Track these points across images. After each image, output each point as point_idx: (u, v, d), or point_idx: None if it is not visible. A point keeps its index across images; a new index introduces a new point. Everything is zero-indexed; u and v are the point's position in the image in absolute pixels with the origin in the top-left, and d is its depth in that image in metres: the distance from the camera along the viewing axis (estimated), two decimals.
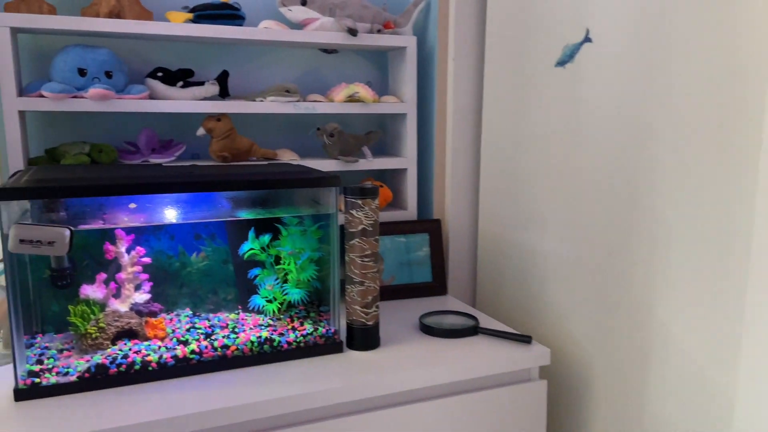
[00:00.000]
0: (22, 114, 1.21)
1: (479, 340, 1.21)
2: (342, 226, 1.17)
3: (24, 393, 0.95)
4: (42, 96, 1.21)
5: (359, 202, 1.12)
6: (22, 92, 1.23)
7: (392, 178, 1.65)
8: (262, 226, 1.19)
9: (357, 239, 1.13)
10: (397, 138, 1.60)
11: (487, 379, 1.14)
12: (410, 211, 1.57)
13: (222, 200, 1.14)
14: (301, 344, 1.13)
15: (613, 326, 1.15)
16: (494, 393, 1.13)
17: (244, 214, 1.15)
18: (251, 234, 1.17)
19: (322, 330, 1.15)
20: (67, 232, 0.93)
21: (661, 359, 1.05)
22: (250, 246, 1.16)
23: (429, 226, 1.54)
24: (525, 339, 1.19)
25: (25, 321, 1.10)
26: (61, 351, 1.06)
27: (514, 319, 1.43)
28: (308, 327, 1.16)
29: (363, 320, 1.15)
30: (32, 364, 1.00)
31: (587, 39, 1.16)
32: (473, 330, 1.24)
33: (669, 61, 0.99)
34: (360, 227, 1.13)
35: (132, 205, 1.01)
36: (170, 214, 1.10)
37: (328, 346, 1.14)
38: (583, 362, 1.22)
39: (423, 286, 1.51)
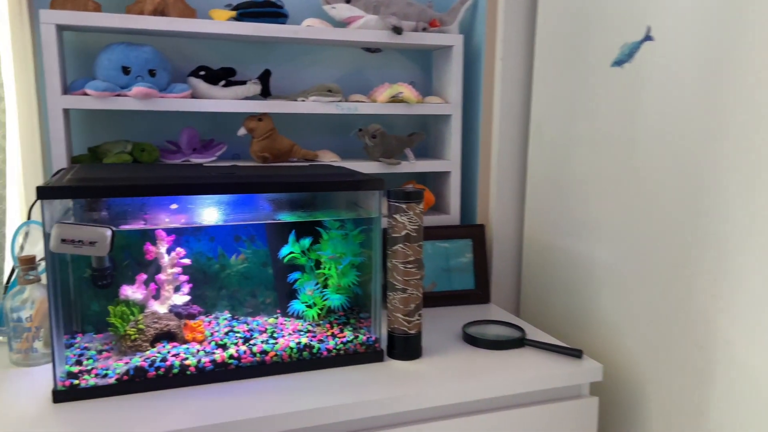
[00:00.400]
0: (66, 112, 1.22)
1: (526, 353, 1.16)
2: (384, 230, 1.13)
3: (62, 395, 0.95)
4: (86, 94, 1.21)
5: (403, 206, 1.08)
6: (66, 90, 1.23)
7: (435, 181, 1.61)
8: (303, 229, 1.17)
9: (400, 245, 1.09)
10: (440, 140, 1.56)
11: (534, 394, 1.09)
12: (453, 215, 1.53)
13: (263, 202, 1.11)
14: (341, 352, 1.10)
15: (671, 342, 1.08)
16: (542, 409, 1.08)
17: (285, 217, 1.12)
18: (291, 237, 1.14)
19: (362, 337, 1.12)
20: (109, 233, 0.92)
21: (724, 381, 0.98)
22: (290, 249, 1.14)
23: (472, 231, 1.49)
24: (575, 353, 1.13)
25: (65, 321, 1.09)
26: (100, 352, 1.06)
27: (562, 331, 1.37)
28: (348, 334, 1.13)
29: (405, 328, 1.12)
30: (71, 365, 1.00)
31: (648, 37, 1.10)
32: (519, 342, 1.19)
33: (738, 60, 0.93)
34: (403, 232, 1.09)
35: (173, 206, 1.00)
36: (210, 216, 1.08)
37: (369, 354, 1.11)
38: (637, 380, 1.16)
39: (465, 294, 1.47)
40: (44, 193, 0.89)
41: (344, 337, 1.12)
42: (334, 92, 1.37)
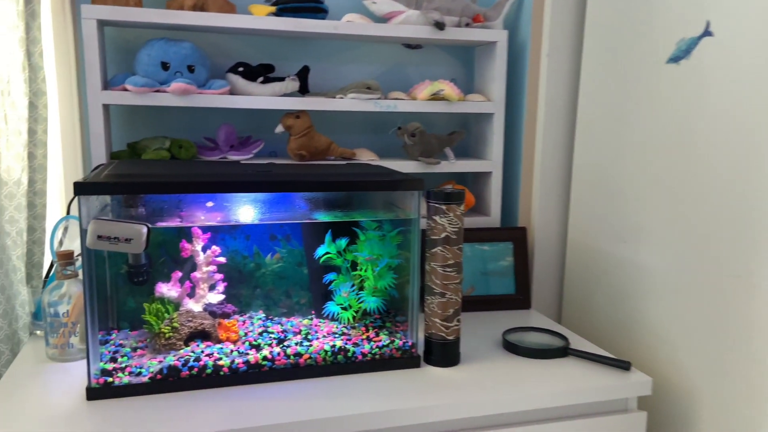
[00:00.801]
0: (106, 107, 1.22)
1: (570, 363, 1.12)
2: (423, 232, 1.10)
3: (96, 392, 0.95)
4: (126, 90, 1.21)
5: (443, 207, 1.05)
6: (106, 86, 1.23)
7: (475, 181, 1.57)
8: (340, 230, 1.15)
9: (439, 247, 1.06)
10: (481, 139, 1.52)
11: (578, 407, 1.04)
12: (493, 217, 1.49)
13: (299, 201, 1.10)
14: (376, 356, 1.07)
15: (725, 355, 1.02)
16: (586, 423, 1.03)
17: (321, 217, 1.10)
18: (328, 237, 1.12)
19: (398, 342, 1.09)
20: (145, 230, 0.91)
21: None
22: (326, 249, 1.12)
23: (513, 234, 1.45)
24: (623, 365, 1.08)
25: (101, 317, 1.10)
26: (134, 349, 1.06)
27: (607, 340, 1.32)
28: (384, 338, 1.10)
29: (443, 334, 1.08)
30: (106, 362, 1.00)
31: (707, 32, 1.04)
32: (563, 351, 1.15)
33: None
34: (443, 234, 1.06)
35: (209, 204, 0.99)
36: (246, 214, 1.07)
37: (405, 360, 1.08)
38: (688, 394, 1.10)
39: (505, 299, 1.43)
40: (81, 189, 0.89)
41: (380, 341, 1.09)
42: (373, 89, 1.35)
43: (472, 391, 0.99)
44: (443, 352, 1.09)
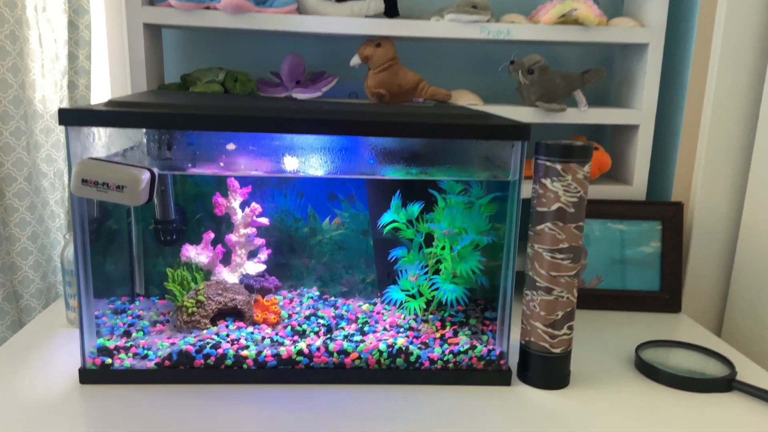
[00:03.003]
0: (148, 28, 1.04)
1: (735, 402, 0.78)
2: (526, 201, 0.81)
3: (90, 375, 0.78)
4: (170, 6, 1.02)
5: (558, 167, 0.75)
6: (151, 1, 1.05)
7: (614, 138, 1.22)
8: (413, 192, 0.88)
9: (548, 224, 0.76)
10: (627, 81, 1.17)
11: None
12: (637, 187, 1.14)
13: (365, 151, 0.84)
14: (450, 364, 0.81)
15: None
16: None
17: (391, 173, 0.85)
18: (395, 201, 0.86)
19: (482, 348, 0.81)
20: (145, 176, 0.71)
21: None
22: (391, 217, 0.86)
23: (664, 211, 1.10)
24: None
25: (112, 281, 0.94)
26: (154, 323, 0.88)
27: None
28: (463, 340, 0.84)
29: (546, 344, 0.79)
30: (118, 336, 0.83)
31: None
32: (725, 383, 0.81)
33: None
34: (555, 206, 0.76)
35: (230, 146, 0.77)
36: (297, 164, 0.83)
37: (489, 374, 0.81)
38: None
39: (644, 297, 1.09)
40: (67, 117, 0.71)
41: (457, 343, 0.83)
42: (481, 8, 1.05)
43: (585, 428, 0.70)
44: (545, 369, 0.80)
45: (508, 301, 0.81)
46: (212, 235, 0.92)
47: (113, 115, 0.71)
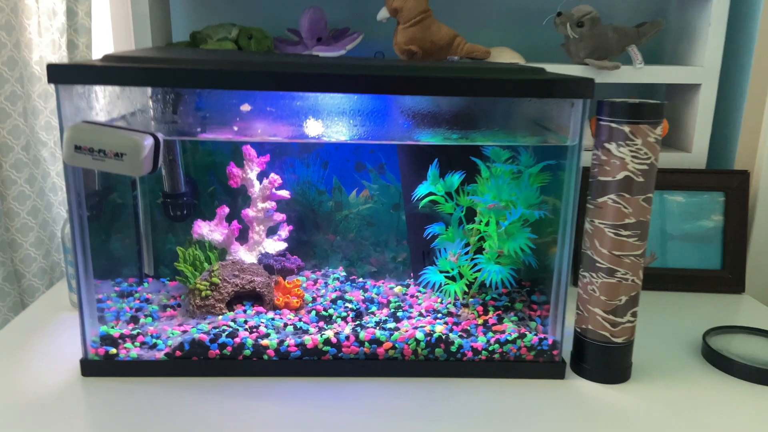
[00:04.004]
0: None
1: None
2: (585, 171, 0.71)
3: (93, 366, 0.70)
4: None
5: (625, 129, 0.64)
6: None
7: (671, 99, 1.10)
8: (452, 160, 0.78)
9: (612, 195, 0.66)
10: (687, 34, 1.05)
11: None
12: (696, 154, 1.03)
13: (398, 113, 0.74)
14: (495, 355, 0.72)
15: None
16: None
17: (426, 138, 0.75)
18: (432, 170, 0.76)
19: (532, 337, 0.72)
20: (147, 142, 0.62)
21: None
22: (428, 188, 0.77)
23: (727, 181, 0.99)
24: None
25: (126, 262, 0.86)
26: (164, 308, 0.80)
27: None
28: (509, 327, 0.75)
29: (606, 333, 0.70)
30: (125, 323, 0.76)
31: None
32: None
33: None
34: (621, 174, 0.66)
35: (245, 107, 0.67)
36: (321, 129, 0.74)
37: (540, 365, 0.72)
38: None
39: (704, 276, 0.99)
40: (57, 74, 0.62)
41: (503, 332, 0.74)
42: None
43: (649, 429, 0.62)
44: (604, 361, 0.71)
45: (564, 284, 0.71)
46: (227, 210, 0.83)
47: (110, 71, 0.62)
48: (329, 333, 0.72)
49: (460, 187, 0.77)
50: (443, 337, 0.72)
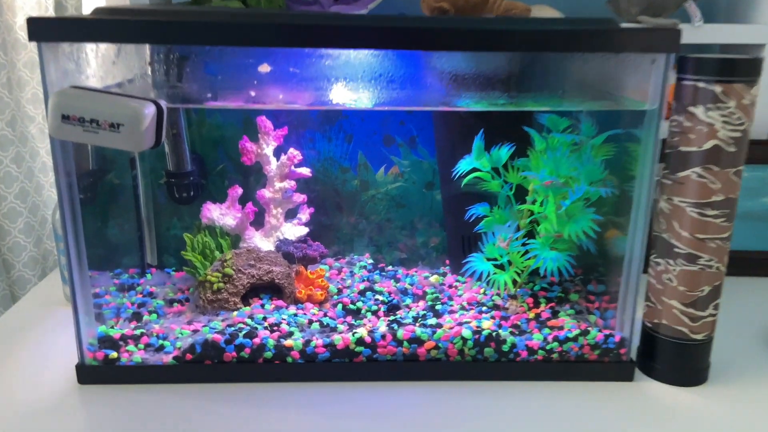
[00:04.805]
0: None
1: None
2: (662, 142, 0.61)
3: (91, 373, 0.61)
4: None
5: (716, 89, 0.54)
6: None
7: None
8: (500, 130, 0.68)
9: (697, 169, 0.57)
10: None
11: None
12: (756, 123, 0.93)
13: (433, 78, 0.63)
14: (553, 354, 0.63)
15: None
16: None
17: (469, 105, 0.65)
18: (477, 142, 0.66)
19: (596, 333, 0.63)
20: (149, 110, 0.52)
21: None
22: (472, 164, 0.67)
23: None
24: None
25: (126, 251, 0.76)
26: (171, 303, 0.71)
27: None
28: (567, 322, 0.65)
29: (683, 329, 0.61)
30: (124, 321, 0.66)
31: None
32: None
33: None
34: (709, 144, 0.56)
35: (263, 68, 0.57)
36: (345, 95, 0.63)
37: (606, 366, 0.63)
38: None
39: (766, 259, 0.89)
40: (40, 29, 0.51)
41: (561, 327, 0.65)
42: None
43: None
44: (680, 360, 0.62)
45: (635, 272, 0.61)
46: (240, 191, 0.73)
47: (102, 26, 0.52)
48: (362, 331, 0.63)
49: (510, 161, 0.67)
50: (493, 334, 0.62)
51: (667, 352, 0.63)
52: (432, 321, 0.65)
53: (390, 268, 0.80)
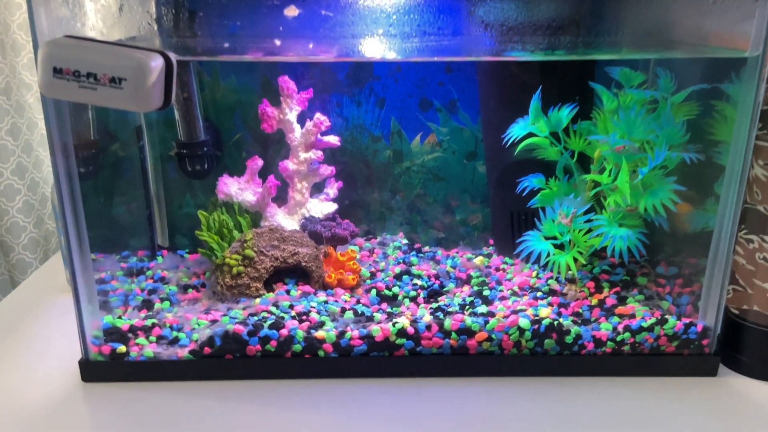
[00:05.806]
0: None
1: None
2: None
3: (96, 370, 0.54)
4: None
5: None
6: None
7: None
8: (559, 88, 0.60)
9: None
10: None
11: None
12: None
13: (476, 26, 0.54)
14: (624, 346, 0.55)
15: None
16: None
17: (522, 56, 0.56)
18: (534, 101, 0.57)
19: (675, 322, 0.55)
20: (156, 62, 0.44)
21: None
22: (527, 129, 0.58)
23: None
24: None
25: (134, 231, 0.68)
26: (185, 289, 0.63)
27: None
28: (638, 309, 0.57)
29: None
30: (120, 312, 0.59)
31: None
32: None
33: None
34: None
35: (290, 11, 0.48)
36: (378, 46, 0.54)
37: (685, 360, 0.55)
38: None
39: None
40: None
41: (631, 315, 0.56)
42: None
43: None
44: None
45: (725, 252, 0.53)
46: (260, 163, 0.65)
47: None
48: (404, 321, 0.55)
49: (572, 124, 0.58)
50: (555, 324, 0.54)
51: (757, 344, 0.54)
52: (482, 309, 0.57)
53: (427, 248, 0.72)
